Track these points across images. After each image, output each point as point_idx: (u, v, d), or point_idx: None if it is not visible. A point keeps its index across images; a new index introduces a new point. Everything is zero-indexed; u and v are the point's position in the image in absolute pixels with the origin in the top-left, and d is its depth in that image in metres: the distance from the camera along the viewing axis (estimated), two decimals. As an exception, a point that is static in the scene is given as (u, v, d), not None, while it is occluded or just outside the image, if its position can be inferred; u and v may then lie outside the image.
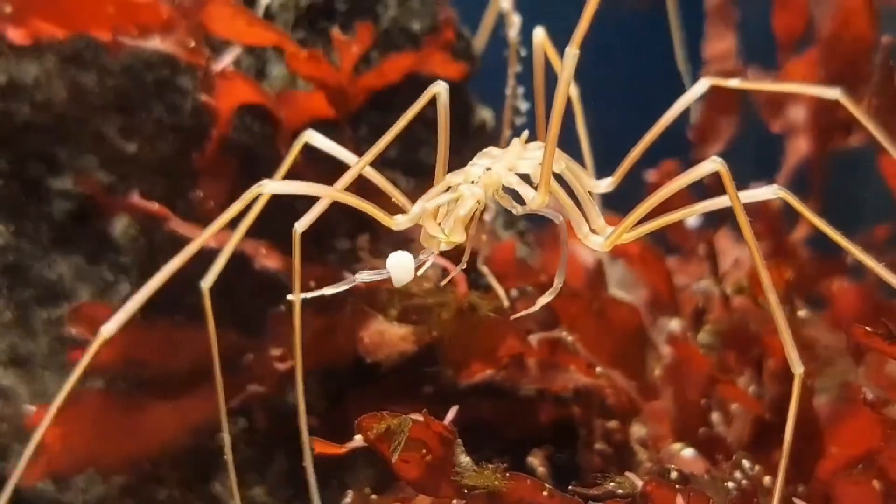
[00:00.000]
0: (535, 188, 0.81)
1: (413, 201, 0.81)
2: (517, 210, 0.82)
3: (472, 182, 0.81)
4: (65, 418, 1.03)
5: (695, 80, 0.99)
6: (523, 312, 0.86)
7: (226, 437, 0.95)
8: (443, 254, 0.83)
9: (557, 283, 0.81)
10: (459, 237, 0.79)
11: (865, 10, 1.22)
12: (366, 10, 1.20)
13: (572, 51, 0.75)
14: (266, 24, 1.11)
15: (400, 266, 0.76)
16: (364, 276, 0.77)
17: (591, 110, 1.14)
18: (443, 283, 0.90)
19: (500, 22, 1.24)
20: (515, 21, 1.21)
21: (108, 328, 0.73)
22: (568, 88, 0.76)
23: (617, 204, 0.97)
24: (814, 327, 1.16)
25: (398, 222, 0.81)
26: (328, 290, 0.78)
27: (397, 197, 0.83)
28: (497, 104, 1.24)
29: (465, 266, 0.84)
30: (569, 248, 0.81)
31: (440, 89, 0.87)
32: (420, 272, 0.83)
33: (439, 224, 0.80)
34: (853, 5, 1.22)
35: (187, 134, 1.15)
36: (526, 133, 0.87)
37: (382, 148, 0.85)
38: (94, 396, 1.08)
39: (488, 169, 0.81)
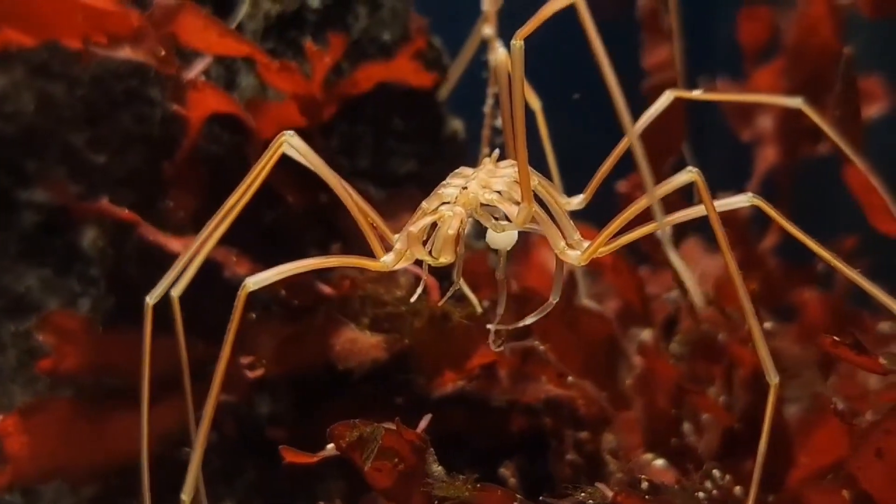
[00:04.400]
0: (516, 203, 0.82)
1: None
2: (496, 226, 0.82)
3: (449, 203, 0.81)
4: (31, 427, 1.02)
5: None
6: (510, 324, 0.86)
7: (196, 449, 0.95)
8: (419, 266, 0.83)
9: (552, 300, 0.82)
10: (449, 257, 0.79)
11: (830, 19, 1.22)
12: (336, 20, 1.20)
13: (518, 42, 0.74)
14: (238, 36, 1.11)
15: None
16: None
17: (559, 122, 1.14)
18: (441, 302, 0.90)
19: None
20: (498, 46, 1.21)
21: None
22: (522, 84, 0.75)
23: (587, 213, 0.97)
24: (780, 338, 1.17)
25: (386, 263, 0.81)
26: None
27: (379, 224, 0.83)
28: (473, 117, 1.24)
29: (458, 286, 0.85)
30: (562, 268, 0.81)
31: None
32: (414, 298, 0.83)
33: (425, 243, 0.80)
34: (818, 14, 1.23)
35: (156, 144, 1.14)
36: (497, 152, 0.87)
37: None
38: (61, 405, 1.07)
39: (464, 188, 0.81)
